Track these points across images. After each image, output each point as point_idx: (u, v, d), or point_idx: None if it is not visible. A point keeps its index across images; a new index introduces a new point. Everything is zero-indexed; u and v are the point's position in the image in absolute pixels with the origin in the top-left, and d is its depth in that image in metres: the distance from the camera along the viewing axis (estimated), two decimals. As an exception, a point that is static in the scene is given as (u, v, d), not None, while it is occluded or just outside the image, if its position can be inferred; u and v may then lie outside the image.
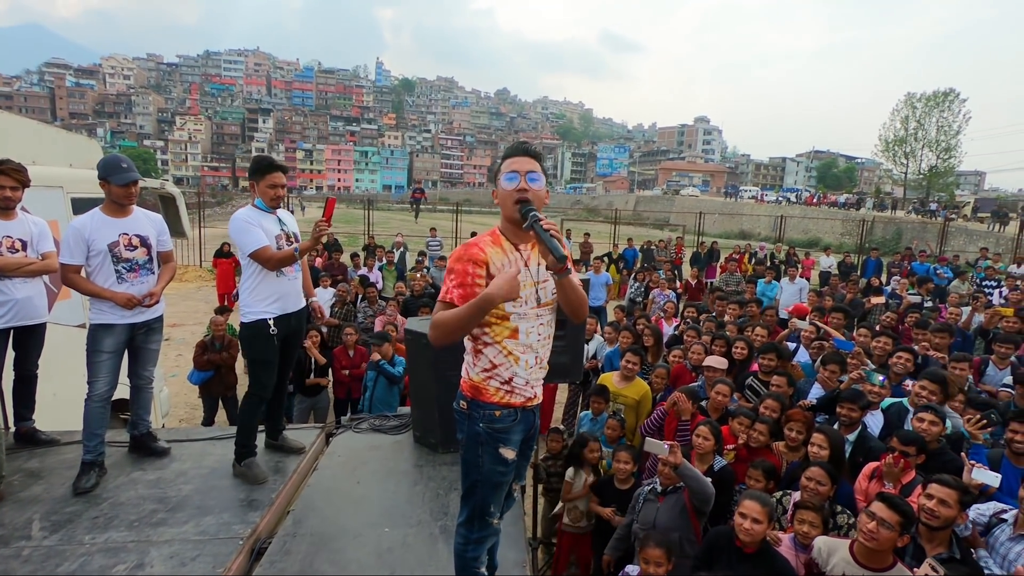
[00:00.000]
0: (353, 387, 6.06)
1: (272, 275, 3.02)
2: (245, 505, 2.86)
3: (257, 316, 3.02)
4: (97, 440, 3.03)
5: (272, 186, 3.04)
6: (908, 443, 3.07)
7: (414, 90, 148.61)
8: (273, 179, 3.05)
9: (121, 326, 3.06)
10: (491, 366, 1.96)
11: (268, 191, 3.04)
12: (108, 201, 3.07)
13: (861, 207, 38.45)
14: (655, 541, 2.79)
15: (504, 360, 1.95)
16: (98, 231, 2.99)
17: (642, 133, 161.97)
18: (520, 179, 1.90)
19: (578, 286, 1.96)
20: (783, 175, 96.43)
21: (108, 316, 3.02)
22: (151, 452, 3.35)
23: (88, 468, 2.99)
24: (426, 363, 3.41)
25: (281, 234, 3.09)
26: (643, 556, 2.77)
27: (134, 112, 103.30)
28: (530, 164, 1.93)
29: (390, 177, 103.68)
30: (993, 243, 21.14)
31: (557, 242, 1.77)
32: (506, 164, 1.95)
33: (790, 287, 9.48)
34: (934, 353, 5.26)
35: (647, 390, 4.64)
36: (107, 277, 3.01)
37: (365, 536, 2.65)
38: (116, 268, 3.02)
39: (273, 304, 3.04)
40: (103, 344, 3.02)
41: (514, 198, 1.89)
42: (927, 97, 40.24)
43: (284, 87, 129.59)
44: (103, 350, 3.02)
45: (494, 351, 1.95)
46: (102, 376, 3.03)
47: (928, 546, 2.58)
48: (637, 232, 22.40)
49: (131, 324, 3.10)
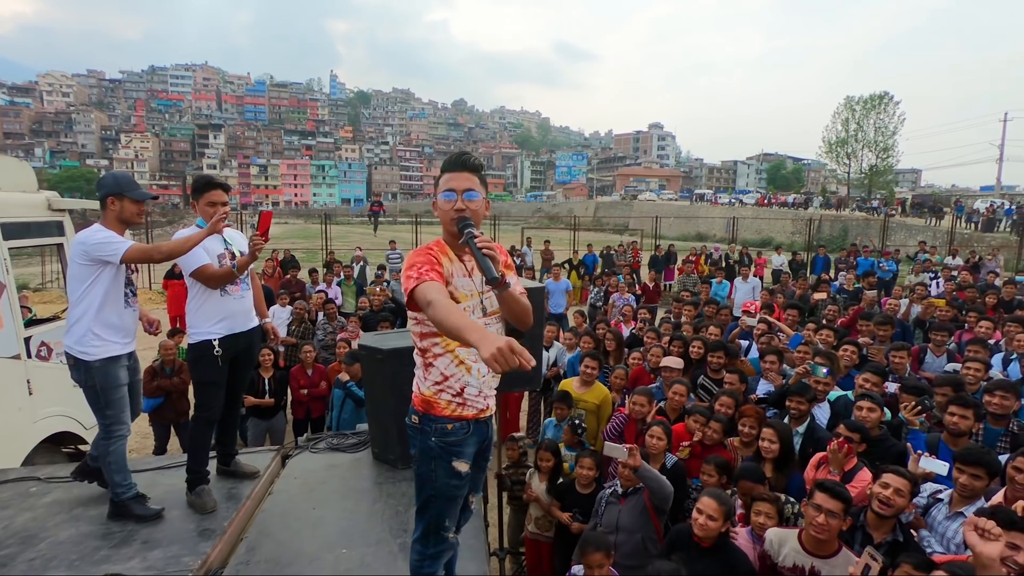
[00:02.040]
0: (313, 407, 5.93)
1: (216, 294, 2.94)
2: (196, 536, 2.75)
3: (202, 337, 2.93)
4: (130, 475, 2.94)
5: (211, 204, 2.97)
6: (853, 430, 3.23)
7: (370, 102, 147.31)
8: (211, 197, 2.98)
9: (126, 355, 2.92)
10: (442, 378, 1.96)
11: (207, 209, 2.97)
12: (112, 219, 2.84)
13: (809, 206, 40.05)
14: (593, 546, 2.83)
15: (456, 370, 1.95)
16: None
17: (599, 140, 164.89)
18: (457, 198, 1.91)
19: (519, 298, 1.98)
20: (735, 177, 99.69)
21: (115, 348, 2.83)
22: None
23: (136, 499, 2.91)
24: (383, 378, 3.38)
25: (225, 252, 3.01)
26: (585, 562, 2.82)
27: (75, 131, 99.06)
28: (468, 181, 1.93)
29: (348, 190, 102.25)
30: (930, 236, 22.30)
31: (490, 261, 1.77)
32: (444, 179, 1.95)
33: (743, 286, 9.79)
34: (866, 341, 5.53)
35: (607, 394, 4.70)
36: (117, 298, 2.83)
37: (322, 559, 2.59)
38: (125, 291, 2.89)
39: (218, 324, 2.95)
40: (119, 377, 2.85)
41: (451, 216, 1.91)
42: (864, 100, 42.37)
43: (235, 102, 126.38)
44: (121, 383, 2.86)
45: (445, 361, 1.95)
46: (125, 410, 2.88)
47: (875, 533, 2.68)
48: (597, 238, 22.73)
49: (129, 353, 2.96)
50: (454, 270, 1.94)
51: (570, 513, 3.72)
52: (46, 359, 4.33)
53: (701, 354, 5.23)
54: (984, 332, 5.68)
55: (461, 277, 1.95)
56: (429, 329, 1.95)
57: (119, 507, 2.89)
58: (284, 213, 72.11)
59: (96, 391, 2.80)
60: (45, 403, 4.16)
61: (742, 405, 4.02)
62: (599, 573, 2.77)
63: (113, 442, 2.86)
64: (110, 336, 2.81)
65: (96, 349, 2.77)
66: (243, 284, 3.07)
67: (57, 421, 4.25)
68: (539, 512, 3.96)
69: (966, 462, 2.72)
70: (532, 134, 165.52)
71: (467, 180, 1.93)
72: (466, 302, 1.94)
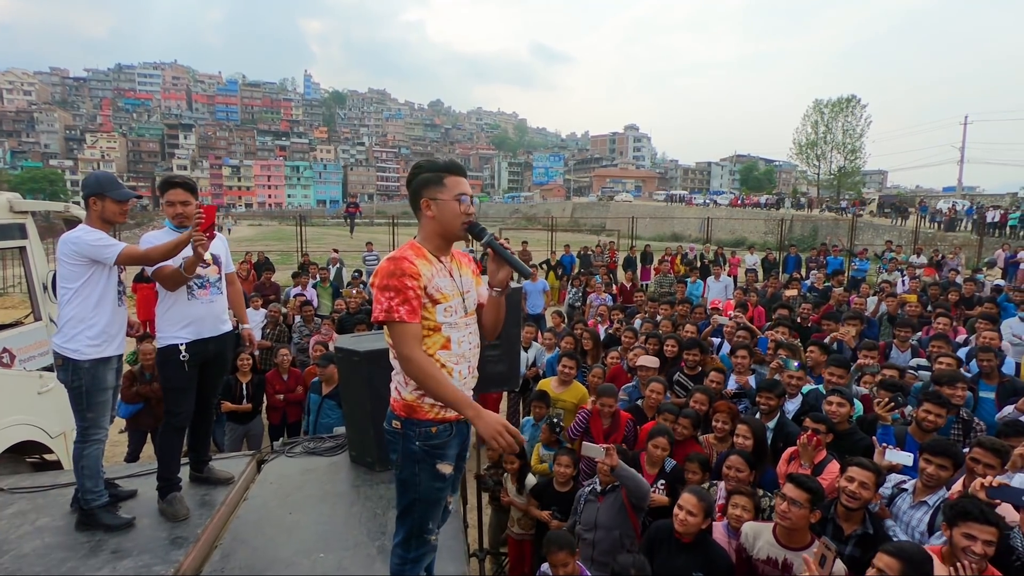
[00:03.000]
0: (289, 411, 5.85)
1: (184, 298, 2.89)
2: (168, 544, 2.69)
3: (168, 341, 2.88)
4: (103, 482, 2.87)
5: (170, 203, 2.92)
6: (818, 421, 3.34)
7: (345, 103, 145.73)
8: (169, 196, 2.93)
9: (115, 358, 2.86)
10: None
11: (168, 209, 2.93)
12: (95, 219, 2.82)
13: (781, 207, 40.90)
14: (556, 545, 2.86)
15: None
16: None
17: (575, 142, 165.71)
18: (469, 201, 1.98)
19: (503, 306, 2.07)
20: (709, 179, 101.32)
21: (108, 348, 2.79)
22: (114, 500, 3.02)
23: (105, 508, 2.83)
24: (359, 381, 3.35)
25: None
26: (551, 561, 2.85)
27: (37, 130, 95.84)
28: (469, 185, 2.04)
29: (324, 192, 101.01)
30: (896, 236, 22.96)
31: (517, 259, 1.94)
32: (453, 183, 1.97)
33: (716, 285, 9.97)
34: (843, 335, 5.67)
35: (584, 393, 4.73)
36: (111, 298, 2.80)
37: (298, 564, 2.56)
38: (118, 290, 2.86)
39: (185, 328, 2.89)
40: (107, 380, 2.80)
41: (462, 220, 1.96)
42: (832, 103, 43.44)
43: (206, 101, 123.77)
44: (108, 386, 2.81)
45: None
46: (106, 415, 2.83)
47: (845, 525, 2.75)
48: (574, 238, 22.84)
49: (119, 356, 2.90)
50: (434, 272, 1.94)
51: (549, 511, 3.75)
52: (8, 366, 4.19)
53: (676, 352, 5.31)
54: (943, 328, 5.86)
55: (442, 277, 1.96)
56: None
57: (88, 515, 2.81)
58: (258, 215, 70.97)
59: (81, 393, 2.75)
60: (8, 411, 4.02)
61: (715, 401, 4.09)
62: (564, 571, 2.80)
63: (89, 446, 2.80)
64: (103, 337, 2.78)
65: (89, 349, 2.74)
66: (212, 288, 3.00)
67: (20, 430, 4.10)
68: (520, 513, 3.98)
69: (934, 453, 2.81)
70: (509, 135, 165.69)
71: (469, 186, 2.03)
72: (447, 302, 1.95)
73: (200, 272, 2.91)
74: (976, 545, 2.14)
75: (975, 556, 2.12)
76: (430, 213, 1.96)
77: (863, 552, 2.58)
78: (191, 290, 2.91)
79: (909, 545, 2.03)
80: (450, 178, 1.96)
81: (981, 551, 2.12)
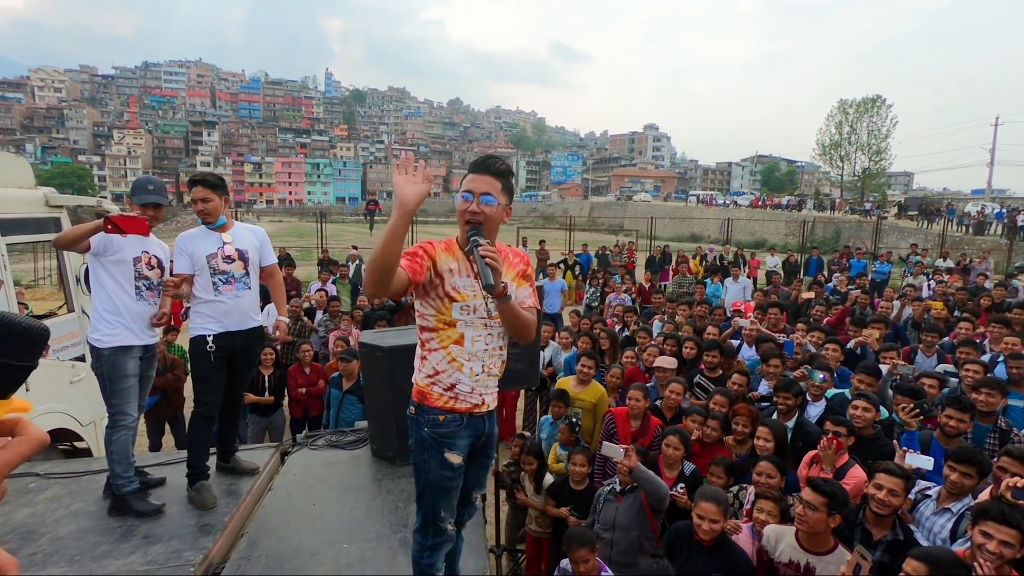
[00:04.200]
0: (311, 405, 5.94)
1: (211, 293, 3.00)
2: (196, 531, 2.77)
3: (197, 332, 3.00)
4: (133, 469, 2.98)
5: (193, 201, 3.04)
6: (839, 424, 3.31)
7: (365, 101, 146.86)
8: (193, 194, 3.04)
9: (138, 347, 2.99)
10: (434, 372, 1.99)
11: (193, 207, 3.05)
12: None
13: (802, 208, 40.27)
14: (577, 542, 2.87)
15: (447, 367, 1.97)
16: (121, 243, 2.94)
17: (594, 141, 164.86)
18: (473, 200, 1.91)
19: (520, 312, 1.97)
20: (729, 179, 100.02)
21: (127, 337, 2.92)
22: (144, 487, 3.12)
23: (136, 494, 2.95)
24: (381, 375, 3.40)
25: (216, 253, 3.00)
26: (572, 557, 2.86)
27: (67, 127, 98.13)
28: (488, 185, 1.92)
29: (343, 189, 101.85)
30: (922, 239, 22.49)
31: (491, 271, 1.80)
32: (466, 180, 1.97)
33: (734, 286, 9.87)
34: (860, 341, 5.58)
35: (603, 392, 4.73)
36: (125, 290, 2.95)
37: (323, 554, 2.61)
38: (136, 284, 2.98)
39: (213, 322, 3.00)
40: (127, 368, 2.93)
41: (465, 218, 1.92)
42: (857, 103, 42.63)
43: (229, 99, 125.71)
44: (128, 374, 2.94)
45: (438, 356, 1.98)
46: (132, 401, 2.96)
47: (874, 530, 2.70)
48: (592, 238, 22.78)
49: (144, 346, 3.02)
50: (458, 268, 1.95)
51: (568, 507, 3.76)
52: (43, 355, 4.32)
53: (694, 354, 5.28)
54: (965, 332, 5.73)
55: (464, 277, 1.95)
56: (427, 324, 1.98)
57: (119, 501, 2.91)
58: (278, 211, 71.80)
59: (104, 379, 2.90)
60: (41, 400, 4.15)
61: (736, 403, 4.06)
62: (585, 568, 2.82)
63: (117, 431, 2.91)
64: (121, 325, 2.91)
65: (107, 337, 2.89)
66: (238, 284, 3.07)
67: (53, 418, 4.23)
68: (538, 511, 4.00)
69: (958, 460, 2.76)
70: (527, 134, 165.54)
71: (487, 184, 1.93)
72: (467, 301, 1.95)
73: (225, 268, 3.02)
74: (991, 543, 2.13)
75: (989, 554, 2.12)
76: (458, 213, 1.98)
77: (892, 558, 2.54)
78: (216, 287, 3.00)
79: (937, 550, 2.00)
80: (467, 176, 1.98)
81: (996, 550, 2.12)
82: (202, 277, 3.00)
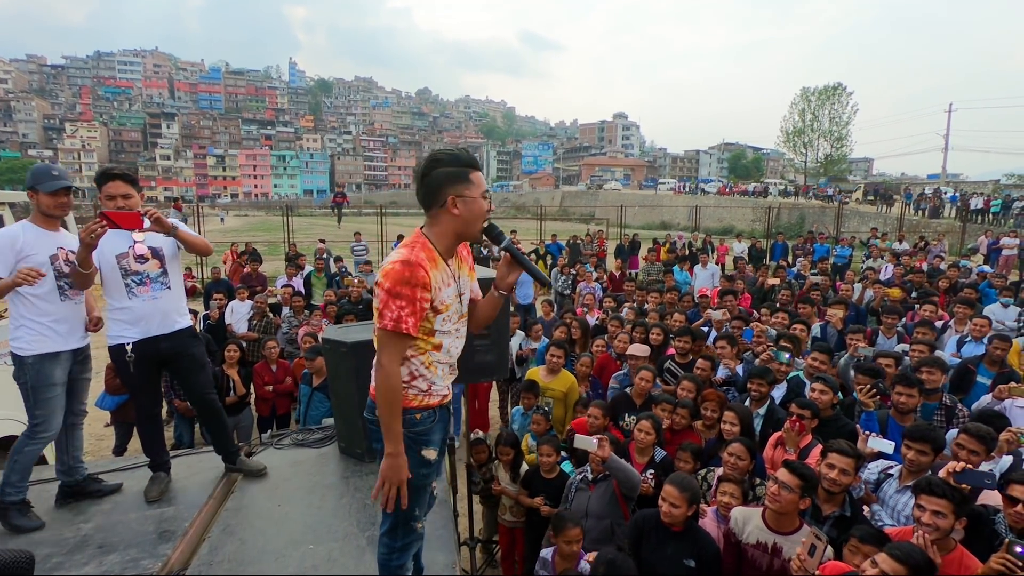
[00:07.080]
0: (278, 403, 5.81)
1: (124, 297, 2.79)
2: (155, 537, 2.67)
3: (115, 341, 2.83)
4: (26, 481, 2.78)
5: (110, 197, 2.75)
6: (803, 407, 3.40)
7: (332, 91, 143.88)
8: (109, 189, 2.75)
9: (66, 353, 2.78)
10: (411, 377, 1.94)
11: (108, 203, 2.75)
12: (37, 213, 2.77)
13: (768, 195, 41.11)
14: (571, 521, 2.94)
15: (425, 371, 1.95)
16: (34, 243, 2.69)
17: (564, 130, 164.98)
18: (489, 199, 1.93)
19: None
20: (698, 167, 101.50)
21: (53, 343, 2.72)
22: (99, 495, 2.99)
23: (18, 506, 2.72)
24: (347, 371, 3.32)
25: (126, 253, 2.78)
26: (563, 538, 2.90)
27: (15, 119, 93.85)
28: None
29: (311, 181, 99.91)
30: (881, 223, 23.19)
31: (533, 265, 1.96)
32: (479, 179, 1.88)
33: (703, 273, 10.01)
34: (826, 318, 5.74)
35: (573, 381, 4.74)
36: (50, 291, 2.73)
37: (288, 556, 2.55)
38: (58, 284, 2.76)
39: (129, 328, 2.82)
40: (53, 376, 2.72)
41: (485, 218, 1.90)
42: (819, 91, 43.61)
43: (189, 89, 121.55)
44: (55, 383, 2.73)
45: (417, 363, 1.93)
46: (57, 413, 2.76)
47: (825, 506, 2.82)
48: (563, 227, 22.84)
49: (73, 351, 2.83)
50: (442, 281, 1.88)
51: (541, 497, 3.76)
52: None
53: (661, 340, 5.33)
54: (928, 314, 5.94)
55: (447, 287, 1.90)
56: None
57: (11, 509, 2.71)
58: (244, 205, 70.08)
59: (27, 388, 2.71)
60: (-10, 407, 3.95)
61: (704, 389, 4.11)
62: (575, 549, 2.86)
63: (33, 443, 2.75)
64: (46, 331, 2.71)
65: (30, 344, 2.69)
66: (155, 284, 2.84)
67: (3, 425, 4.04)
68: (511, 501, 3.99)
69: (913, 438, 2.87)
70: (498, 124, 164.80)
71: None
72: (447, 311, 1.92)
73: (138, 268, 2.80)
74: (925, 515, 2.24)
75: (925, 526, 2.22)
76: (456, 211, 1.84)
77: (839, 532, 2.67)
78: (129, 289, 2.79)
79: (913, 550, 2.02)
80: (475, 174, 1.86)
81: (929, 520, 2.22)
82: (112, 280, 2.77)
